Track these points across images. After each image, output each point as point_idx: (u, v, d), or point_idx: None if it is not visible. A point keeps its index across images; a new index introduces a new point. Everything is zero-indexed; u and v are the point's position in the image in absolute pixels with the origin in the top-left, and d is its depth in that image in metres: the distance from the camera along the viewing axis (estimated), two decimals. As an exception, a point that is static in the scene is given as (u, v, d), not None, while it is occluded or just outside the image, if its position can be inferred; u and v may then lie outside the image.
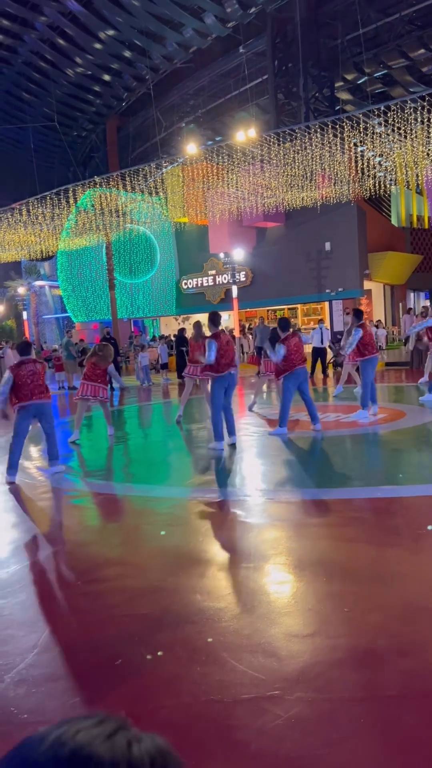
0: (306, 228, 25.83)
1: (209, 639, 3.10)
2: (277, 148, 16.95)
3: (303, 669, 2.78)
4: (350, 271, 25.18)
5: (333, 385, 15.76)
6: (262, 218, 25.22)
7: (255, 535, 4.81)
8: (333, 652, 2.91)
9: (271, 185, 19.54)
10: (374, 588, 3.64)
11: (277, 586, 3.81)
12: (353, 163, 18.56)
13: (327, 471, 6.81)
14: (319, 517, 5.13)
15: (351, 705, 2.51)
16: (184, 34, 29.44)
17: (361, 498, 5.62)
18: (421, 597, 3.49)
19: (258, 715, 2.47)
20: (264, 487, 6.24)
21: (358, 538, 4.63)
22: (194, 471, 7.47)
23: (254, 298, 27.87)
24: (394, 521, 5.00)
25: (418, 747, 2.26)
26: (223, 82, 33.52)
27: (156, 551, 4.59)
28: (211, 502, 5.73)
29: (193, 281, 30.39)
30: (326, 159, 17.38)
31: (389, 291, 30.34)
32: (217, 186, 20.93)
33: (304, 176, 18.53)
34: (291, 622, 3.28)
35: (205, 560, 4.29)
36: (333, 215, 24.26)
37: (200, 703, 2.59)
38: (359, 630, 3.13)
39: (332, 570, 3.94)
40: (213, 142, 27.13)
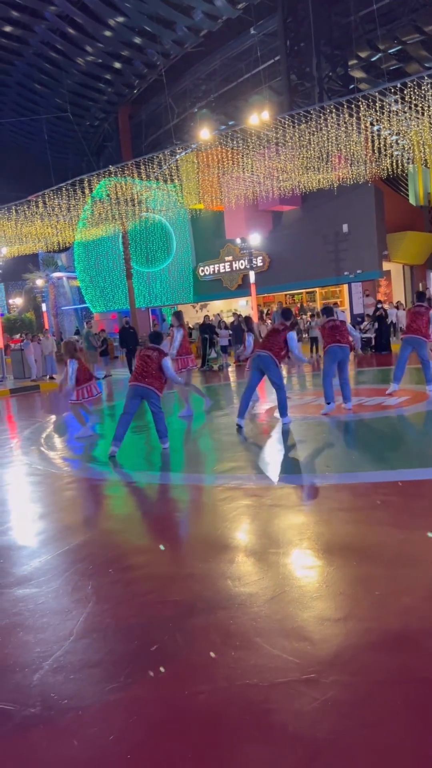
0: (323, 210, 25.58)
1: (243, 624, 3.13)
2: (292, 131, 16.77)
3: (337, 652, 2.80)
4: (368, 253, 24.92)
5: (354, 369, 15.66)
6: (278, 202, 25.02)
7: (282, 520, 4.83)
8: (366, 636, 2.93)
9: (287, 168, 19.36)
10: (403, 571, 3.64)
11: (306, 570, 3.82)
12: (369, 143, 18.31)
13: (352, 455, 6.80)
14: (346, 501, 5.13)
15: (386, 687, 2.52)
16: (194, 17, 29.16)
17: (387, 481, 5.60)
18: (453, 579, 3.49)
19: (295, 698, 2.50)
20: (289, 472, 6.25)
21: (386, 521, 4.62)
22: (219, 457, 7.50)
23: (272, 283, 27.73)
24: (421, 503, 4.98)
25: (455, 728, 2.26)
26: (234, 66, 33.20)
27: (185, 539, 4.63)
28: (237, 488, 5.75)
29: (209, 268, 30.29)
30: (342, 139, 17.17)
31: (409, 271, 29.97)
32: (232, 171, 20.79)
33: (319, 158, 18.33)
34: (323, 606, 3.30)
35: (233, 546, 4.32)
36: (350, 196, 23.99)
37: (236, 687, 2.63)
38: (391, 613, 3.14)
39: (361, 554, 3.94)
40: (226, 127, 26.92)
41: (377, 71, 29.62)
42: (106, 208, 23.85)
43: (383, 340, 18.97)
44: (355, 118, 15.77)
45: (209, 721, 2.45)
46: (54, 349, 21.11)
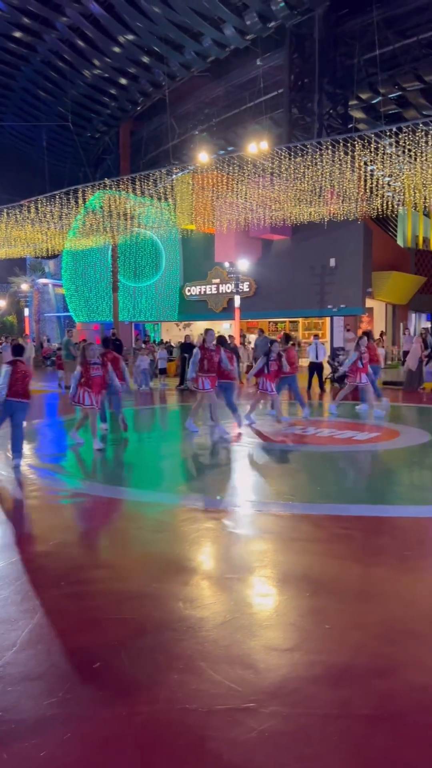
0: (312, 243, 25.93)
1: (189, 647, 3.10)
2: (288, 162, 17.05)
3: (280, 683, 2.79)
4: (353, 289, 25.27)
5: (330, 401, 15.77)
6: (268, 230, 25.32)
7: (242, 546, 4.82)
8: (311, 668, 2.92)
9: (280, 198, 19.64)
10: (357, 606, 3.65)
11: (260, 598, 3.81)
12: (362, 182, 18.67)
13: (318, 486, 6.82)
14: (307, 531, 5.14)
15: (325, 722, 2.51)
16: (203, 43, 29.65)
17: (350, 515, 5.63)
18: (403, 618, 3.51)
19: (232, 726, 2.48)
20: (254, 499, 6.25)
21: (345, 555, 4.64)
22: (186, 478, 7.48)
23: (256, 309, 27.94)
24: (381, 540, 5.01)
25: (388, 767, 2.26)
26: (238, 94, 33.76)
27: (142, 557, 4.59)
28: (201, 510, 5.74)
29: (196, 288, 30.46)
30: (336, 176, 17.48)
31: (391, 310, 30.45)
32: (225, 196, 21.03)
33: (312, 191, 18.63)
34: (271, 635, 3.29)
35: (190, 568, 4.29)
36: (339, 232, 24.37)
37: (175, 710, 2.60)
38: (338, 647, 3.14)
39: (316, 585, 3.95)
40: (225, 152, 27.29)
41: (376, 113, 30.31)
42: (98, 219, 23.91)
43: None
44: (351, 157, 16.09)
45: (144, 743, 2.41)
46: (32, 355, 20.97)
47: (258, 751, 2.34)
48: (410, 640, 3.23)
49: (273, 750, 2.35)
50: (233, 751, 2.34)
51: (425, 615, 3.61)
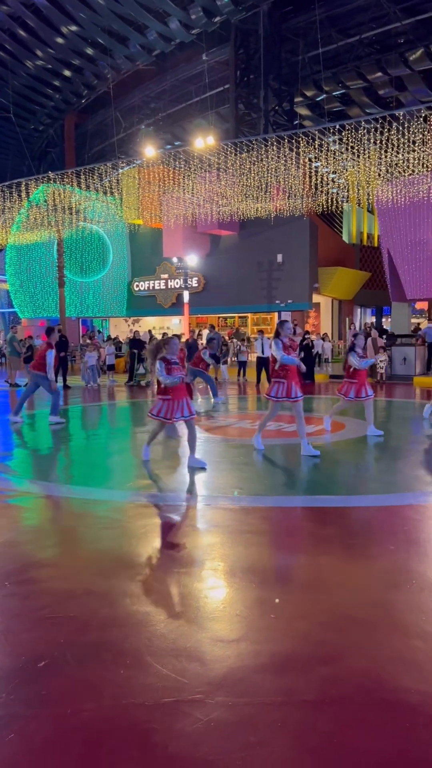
0: (259, 238, 26.14)
1: (136, 642, 3.10)
2: (234, 158, 17.13)
3: (226, 673, 2.82)
4: (300, 284, 25.62)
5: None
6: (216, 226, 25.40)
7: (190, 540, 4.84)
8: (256, 658, 2.96)
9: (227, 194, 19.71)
10: (303, 596, 3.72)
11: (207, 591, 3.84)
12: (308, 178, 18.93)
13: (265, 479, 6.90)
14: (254, 524, 5.20)
15: (270, 709, 2.56)
16: (148, 36, 29.42)
17: (297, 507, 5.72)
18: (347, 606, 3.59)
19: (178, 718, 2.50)
20: (203, 493, 6.28)
21: (292, 546, 4.71)
22: (135, 474, 7.45)
23: (205, 305, 28.01)
24: (327, 530, 5.11)
25: (330, 752, 2.32)
26: (184, 88, 33.66)
27: (90, 554, 4.55)
28: (150, 506, 5.73)
29: (145, 284, 30.29)
30: (282, 172, 17.66)
31: (337, 305, 30.99)
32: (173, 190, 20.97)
33: (259, 187, 18.78)
34: (218, 627, 3.32)
35: (138, 564, 4.28)
36: (286, 228, 24.64)
37: (121, 706, 2.60)
38: (284, 636, 3.19)
39: (263, 577, 4.00)
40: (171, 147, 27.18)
41: (321, 111, 30.74)
42: (42, 213, 23.47)
43: (308, 369, 19.43)
44: (296, 153, 16.28)
45: (90, 740, 2.41)
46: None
47: (204, 740, 2.36)
48: (354, 627, 3.32)
49: (218, 739, 2.38)
50: (179, 742, 2.36)
51: (369, 602, 3.70)
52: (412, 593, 3.74)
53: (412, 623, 3.33)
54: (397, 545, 4.64)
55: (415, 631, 3.24)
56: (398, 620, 3.39)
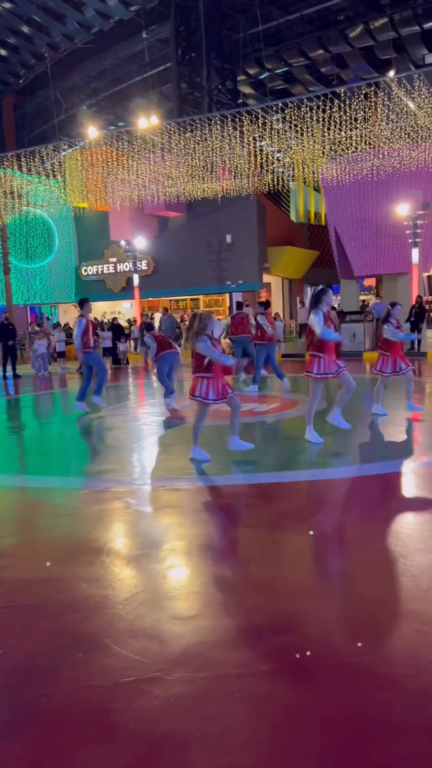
0: (207, 219, 26.03)
1: (93, 625, 3.10)
2: (179, 138, 16.95)
3: (184, 650, 2.86)
4: (250, 264, 25.66)
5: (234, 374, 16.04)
6: (163, 207, 25.16)
7: (146, 522, 4.85)
8: (213, 633, 3.00)
9: (173, 174, 19.52)
10: (258, 569, 3.78)
11: (164, 571, 3.86)
12: (253, 157, 18.89)
13: (220, 458, 6.94)
14: (210, 503, 5.24)
15: (228, 681, 2.60)
16: (86, 13, 28.67)
17: (251, 483, 5.78)
18: (300, 576, 3.67)
19: (137, 696, 2.52)
20: (159, 475, 6.28)
21: (247, 522, 4.78)
22: (89, 461, 7.39)
23: (156, 288, 27.79)
24: (281, 505, 5.19)
25: (286, 719, 2.38)
26: (125, 67, 33.00)
27: (45, 542, 4.51)
28: (106, 491, 5.70)
29: (93, 268, 29.83)
30: (227, 151, 17.58)
31: (287, 284, 31.20)
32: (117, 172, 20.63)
33: (205, 167, 18.65)
34: (176, 605, 3.34)
35: (94, 549, 4.27)
36: (233, 208, 24.60)
37: (80, 689, 2.60)
38: (240, 610, 3.24)
39: (219, 554, 4.05)
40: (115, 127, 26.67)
41: (264, 89, 30.62)
42: (-17, 198, 22.81)
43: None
44: (240, 132, 16.21)
45: (49, 724, 2.40)
46: None
47: (163, 716, 2.39)
48: (308, 596, 3.39)
49: (178, 714, 2.41)
50: (139, 719, 2.38)
51: (323, 572, 3.79)
52: (364, 561, 3.84)
53: (365, 590, 3.43)
54: (350, 516, 4.75)
55: (367, 597, 3.34)
56: (351, 587, 3.49)
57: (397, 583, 3.48)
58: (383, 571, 3.64)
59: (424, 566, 3.68)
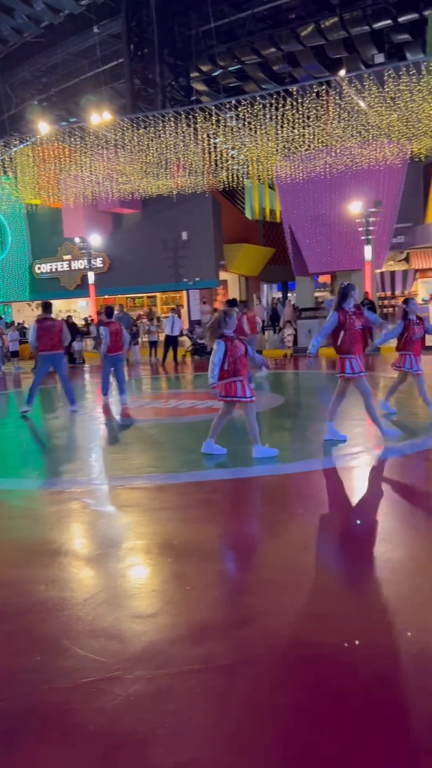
0: (162, 216, 25.92)
1: (52, 627, 3.07)
2: (132, 134, 16.82)
3: (144, 648, 2.85)
4: (206, 262, 25.67)
5: (191, 373, 16.05)
6: (118, 204, 24.94)
7: (105, 522, 4.82)
8: (174, 630, 3.01)
9: (127, 171, 19.37)
10: (217, 565, 3.80)
11: (124, 570, 3.84)
12: (208, 155, 18.90)
13: (180, 456, 6.95)
14: (169, 500, 5.23)
15: (188, 677, 2.61)
16: (35, 6, 28.12)
17: (211, 480, 5.80)
18: (260, 570, 3.70)
19: (97, 696, 2.50)
20: (117, 474, 6.24)
21: (206, 519, 4.79)
22: (46, 461, 7.29)
23: (112, 285, 27.53)
24: (240, 501, 5.23)
25: (247, 711, 2.40)
26: (77, 62, 32.56)
27: (2, 545, 4.43)
28: (62, 492, 5.63)
29: (47, 266, 29.37)
30: (181, 148, 17.54)
31: (244, 282, 31.35)
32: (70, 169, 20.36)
33: (159, 164, 18.57)
34: (136, 604, 3.33)
35: (52, 550, 4.22)
36: (189, 205, 24.56)
37: (39, 691, 2.57)
38: (200, 606, 3.25)
39: (179, 551, 4.05)
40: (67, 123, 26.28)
41: (217, 86, 30.66)
42: None
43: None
44: (194, 129, 16.20)
45: (8, 728, 2.37)
46: None
47: (124, 715, 2.39)
48: (267, 590, 3.43)
49: (139, 711, 2.40)
50: (99, 719, 2.36)
51: (281, 565, 3.84)
52: (321, 553, 3.90)
53: (322, 582, 3.49)
54: (307, 509, 4.81)
55: (324, 588, 3.39)
56: (309, 580, 3.54)
57: (354, 575, 3.54)
58: (342, 563, 3.70)
59: (378, 557, 3.76)
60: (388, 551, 3.84)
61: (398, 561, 3.70)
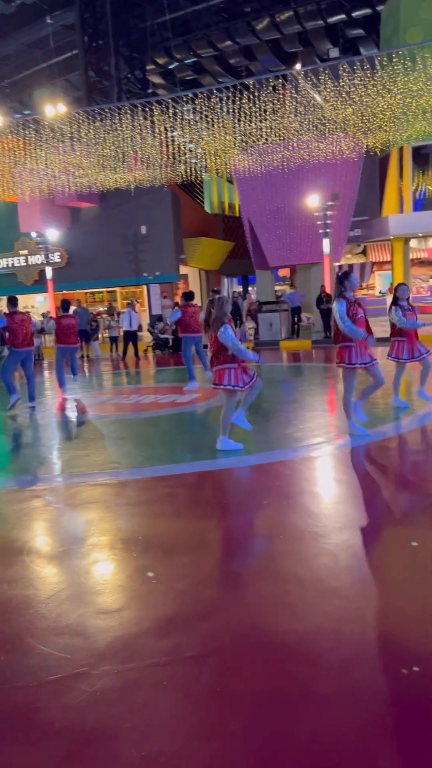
0: (121, 210, 25.68)
1: (15, 626, 3.03)
2: (88, 127, 16.60)
3: (110, 643, 2.84)
4: (166, 256, 25.54)
5: (152, 368, 15.98)
6: (75, 198, 24.60)
7: (67, 519, 4.77)
8: (140, 623, 3.01)
9: (83, 164, 19.11)
10: (179, 558, 3.81)
11: (88, 567, 3.82)
12: (165, 148, 18.79)
13: (141, 451, 6.92)
14: (133, 496, 5.22)
15: (154, 670, 2.62)
16: (-15, -5, 27.49)
17: (173, 474, 5.80)
18: (225, 562, 3.73)
19: (63, 694, 2.49)
20: (79, 471, 6.19)
21: (170, 512, 4.79)
22: (6, 460, 7.18)
23: (71, 280, 27.16)
24: (203, 494, 5.24)
25: (214, 701, 2.42)
26: (30, 53, 31.95)
27: (-40, 545, 4.35)
28: (23, 490, 5.56)
29: (3, 261, 28.79)
30: (138, 141, 17.39)
31: (204, 276, 31.31)
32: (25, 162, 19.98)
33: (116, 157, 18.38)
34: (101, 600, 3.32)
35: (14, 549, 4.16)
36: (147, 199, 24.39)
37: (3, 691, 2.54)
38: (165, 599, 3.26)
39: (143, 546, 4.04)
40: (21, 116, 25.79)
41: (174, 79, 30.49)
42: None
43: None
44: (150, 122, 16.08)
45: (-28, 731, 2.34)
46: None
47: (90, 710, 2.38)
48: (232, 580, 3.45)
49: (105, 706, 2.40)
50: (66, 716, 2.35)
51: (246, 556, 3.87)
52: (285, 543, 3.94)
53: (286, 570, 3.53)
54: (271, 500, 4.86)
55: (288, 577, 3.43)
56: (273, 569, 3.58)
57: (316, 562, 3.59)
58: (303, 552, 3.75)
59: (341, 544, 3.82)
60: (349, 539, 3.90)
61: (360, 548, 3.77)
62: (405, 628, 2.84)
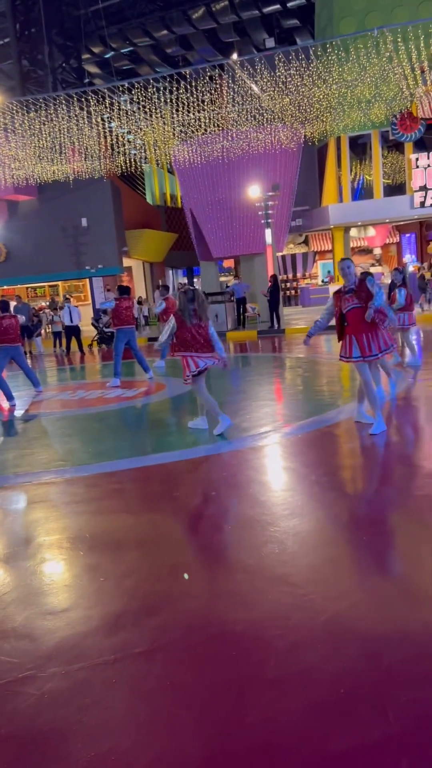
0: (60, 202, 25.20)
1: (-42, 634, 2.95)
2: (23, 118, 16.17)
3: (58, 644, 2.80)
4: (108, 248, 25.24)
5: (98, 362, 15.78)
6: (12, 191, 24.01)
7: (12, 520, 4.67)
8: (88, 622, 2.97)
9: (19, 156, 18.62)
10: (130, 554, 3.78)
11: (34, 567, 3.74)
12: (104, 139, 18.50)
13: (89, 447, 6.83)
14: (80, 493, 5.14)
15: (104, 669, 2.59)
16: None
17: (121, 470, 5.75)
18: (174, 555, 3.72)
19: (10, 699, 2.43)
20: (23, 471, 6.06)
21: (118, 508, 4.75)
22: None
23: (10, 275, 26.53)
24: (151, 488, 5.21)
25: (164, 695, 2.42)
26: (-41, 40, 30.80)
27: None
28: (-35, 492, 5.40)
29: None
30: (75, 132, 17.06)
31: (149, 268, 31.08)
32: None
33: (53, 149, 17.98)
34: (47, 600, 3.26)
35: None
36: (87, 191, 24.01)
37: None
38: (113, 596, 3.23)
39: (91, 543, 3.99)
40: None
41: (110, 69, 30.01)
42: None
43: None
44: (87, 113, 15.79)
45: None
46: None
47: (39, 713, 2.34)
48: (179, 574, 3.45)
49: (54, 709, 2.36)
50: (13, 722, 2.30)
51: (195, 547, 3.87)
52: (234, 532, 3.96)
53: (235, 559, 3.55)
54: (219, 491, 4.87)
55: (237, 565, 3.45)
56: (222, 559, 3.59)
57: (264, 550, 3.63)
58: (251, 540, 3.78)
59: (288, 531, 3.87)
60: (296, 525, 3.95)
61: (307, 534, 3.82)
62: (351, 612, 2.90)
